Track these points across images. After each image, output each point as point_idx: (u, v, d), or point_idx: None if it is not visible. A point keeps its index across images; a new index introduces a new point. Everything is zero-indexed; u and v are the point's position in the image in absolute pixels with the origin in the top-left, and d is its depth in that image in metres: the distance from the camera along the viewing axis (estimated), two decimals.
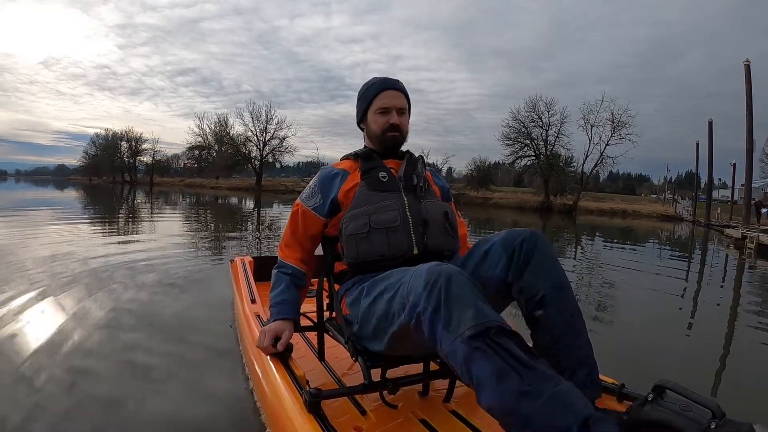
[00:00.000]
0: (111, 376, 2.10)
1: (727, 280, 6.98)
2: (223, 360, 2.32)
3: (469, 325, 0.98)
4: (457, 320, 1.01)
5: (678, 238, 15.59)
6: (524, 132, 34.84)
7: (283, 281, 1.56)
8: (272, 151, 46.22)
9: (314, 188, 1.54)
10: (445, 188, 1.68)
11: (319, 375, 1.65)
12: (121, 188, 40.39)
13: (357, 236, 1.41)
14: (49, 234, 7.05)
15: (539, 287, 1.22)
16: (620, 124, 31.32)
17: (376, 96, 1.55)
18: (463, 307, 1.02)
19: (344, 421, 1.33)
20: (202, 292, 3.78)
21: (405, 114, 1.58)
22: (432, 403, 1.49)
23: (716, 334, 3.57)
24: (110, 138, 59.93)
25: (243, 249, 6.74)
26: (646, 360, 2.81)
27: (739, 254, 10.31)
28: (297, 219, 1.56)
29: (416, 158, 1.61)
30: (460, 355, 0.99)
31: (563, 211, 31.07)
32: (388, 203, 1.44)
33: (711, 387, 2.43)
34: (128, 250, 5.82)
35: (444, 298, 1.03)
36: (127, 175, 59.31)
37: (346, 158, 1.61)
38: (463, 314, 1.01)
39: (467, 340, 0.98)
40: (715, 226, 20.60)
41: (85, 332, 2.64)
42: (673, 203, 40.27)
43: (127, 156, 58.91)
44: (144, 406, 1.84)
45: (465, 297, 1.03)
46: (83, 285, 3.75)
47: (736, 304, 4.95)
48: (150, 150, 58.02)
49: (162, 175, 60.19)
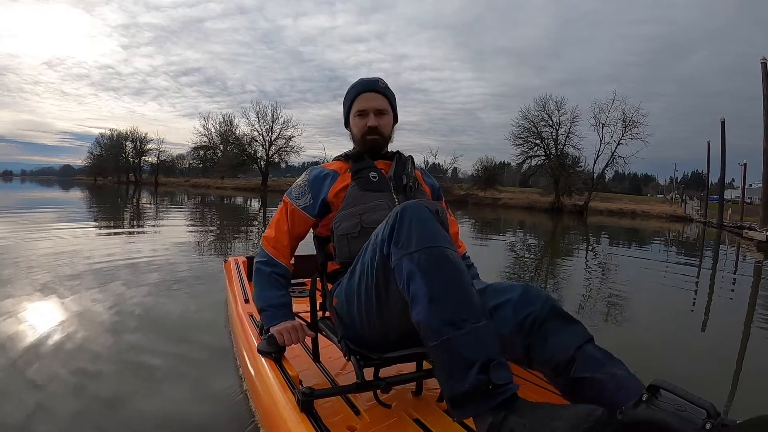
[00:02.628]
0: (107, 376, 2.12)
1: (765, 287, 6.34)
2: (219, 360, 2.33)
3: (419, 246, 1.10)
4: (407, 239, 1.12)
5: (694, 241, 15.14)
6: (534, 131, 34.66)
7: (279, 284, 1.56)
8: (278, 151, 46.42)
9: (304, 188, 1.56)
10: (435, 187, 1.72)
11: (313, 375, 1.66)
12: (126, 188, 40.69)
13: (349, 236, 1.45)
14: (54, 234, 7.14)
15: (561, 355, 1.18)
16: (632, 123, 31.17)
17: (355, 99, 1.60)
18: (416, 229, 1.12)
19: (338, 420, 1.33)
20: (203, 292, 3.81)
21: (385, 115, 1.60)
22: (425, 403, 1.50)
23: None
24: (115, 138, 60.58)
25: (248, 249, 6.78)
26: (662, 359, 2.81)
27: (764, 257, 9.99)
28: (285, 216, 1.57)
29: (405, 158, 1.63)
30: (405, 271, 1.10)
31: (574, 211, 30.90)
32: (379, 203, 1.47)
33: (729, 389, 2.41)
34: (131, 250, 5.88)
35: (399, 220, 1.15)
36: (132, 175, 59.64)
37: (336, 159, 1.64)
38: (414, 235, 1.12)
39: (411, 259, 1.09)
40: (729, 227, 20.33)
41: (84, 332, 2.67)
42: (681, 203, 39.88)
43: (132, 156, 59.40)
44: (139, 405, 1.86)
45: (420, 221, 1.14)
46: (86, 285, 3.80)
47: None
48: (155, 150, 58.46)
49: (167, 176, 60.51)
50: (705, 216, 26.52)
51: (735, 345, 3.32)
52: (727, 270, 8.21)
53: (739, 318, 4.20)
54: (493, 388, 0.98)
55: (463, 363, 1.01)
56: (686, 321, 4.13)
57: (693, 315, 4.45)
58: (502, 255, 7.95)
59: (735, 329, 3.77)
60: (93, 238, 7.13)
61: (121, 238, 7.47)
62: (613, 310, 4.16)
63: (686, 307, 4.70)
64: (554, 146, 34.50)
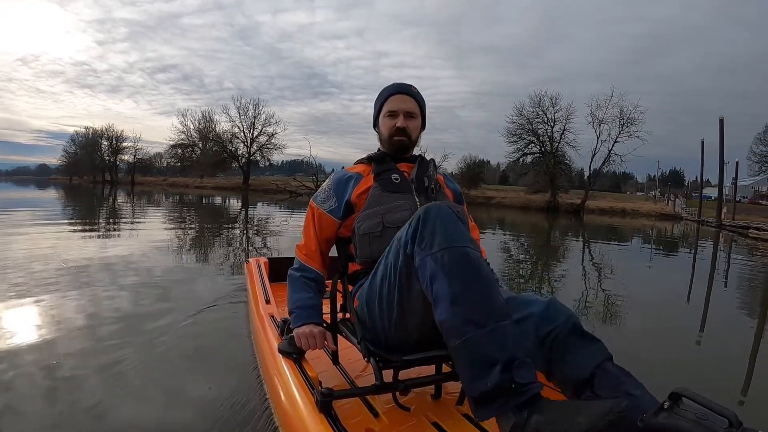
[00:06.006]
0: (124, 375, 2.19)
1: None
2: (238, 359, 2.41)
3: (442, 246, 1.12)
4: (430, 239, 1.15)
5: (699, 242, 14.66)
6: (529, 128, 34.59)
7: (308, 287, 1.60)
8: (260, 149, 45.97)
9: (329, 191, 1.62)
10: (457, 192, 1.77)
11: (332, 376, 1.68)
12: (102, 188, 40.10)
13: (370, 235, 1.48)
14: (28, 235, 7.05)
15: (581, 372, 1.20)
16: (629, 120, 31.19)
17: (386, 100, 1.65)
18: (439, 229, 1.15)
19: (356, 422, 1.35)
20: (203, 293, 3.84)
21: (414, 118, 1.65)
22: (444, 406, 1.51)
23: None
24: (90, 136, 59.48)
25: (230, 253, 6.74)
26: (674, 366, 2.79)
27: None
28: (313, 221, 1.63)
29: (428, 161, 1.68)
30: (428, 271, 1.13)
31: (570, 210, 31.07)
32: (400, 203, 1.51)
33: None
34: (107, 253, 5.83)
35: (422, 221, 1.18)
36: (108, 174, 58.78)
37: (359, 162, 1.69)
38: (437, 236, 1.14)
39: (435, 259, 1.12)
40: (730, 227, 20.56)
41: (82, 332, 2.71)
42: (668, 202, 40.37)
43: (107, 155, 58.44)
44: (158, 401, 1.95)
45: (443, 222, 1.16)
46: (62, 288, 3.77)
47: None
48: (131, 148, 57.71)
49: (144, 175, 59.80)
50: (699, 215, 26.89)
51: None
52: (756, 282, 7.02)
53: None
54: (516, 387, 1.00)
55: (486, 362, 1.03)
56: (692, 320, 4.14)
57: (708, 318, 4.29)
58: (517, 260, 7.82)
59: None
60: (65, 239, 6.99)
61: (95, 241, 7.32)
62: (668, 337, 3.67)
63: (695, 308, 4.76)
64: (549, 143, 34.47)
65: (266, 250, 6.94)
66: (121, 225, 10.25)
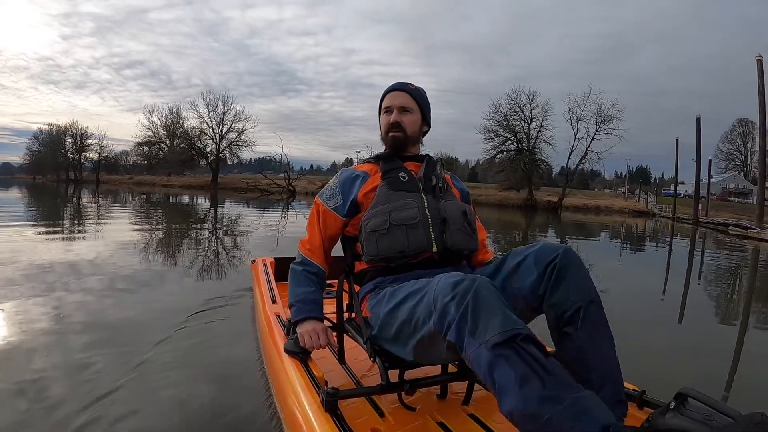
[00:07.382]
0: (132, 375, 2.21)
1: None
2: (244, 359, 2.44)
3: (496, 332, 1.03)
4: (484, 327, 1.05)
5: (683, 240, 14.88)
6: (506, 125, 34.72)
7: (310, 281, 1.62)
8: (229, 146, 45.12)
9: (335, 189, 1.64)
10: (464, 191, 1.78)
11: (338, 376, 1.70)
12: (66, 187, 39.04)
13: (377, 232, 1.48)
14: None
15: (571, 303, 1.24)
16: (607, 118, 31.63)
17: (383, 99, 1.70)
18: (490, 314, 1.06)
19: (362, 422, 1.36)
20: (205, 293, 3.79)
21: (410, 113, 1.65)
22: (450, 406, 1.52)
23: None
24: (54, 133, 57.98)
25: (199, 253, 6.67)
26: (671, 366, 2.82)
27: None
28: (318, 217, 1.64)
29: (435, 161, 1.70)
30: (485, 361, 1.03)
31: (548, 208, 31.46)
32: (408, 201, 1.51)
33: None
34: (71, 255, 5.65)
35: (471, 306, 1.08)
36: (72, 173, 57.12)
37: (367, 161, 1.71)
38: (489, 321, 1.05)
39: (492, 347, 1.02)
40: (708, 224, 21.13)
41: (84, 333, 2.74)
42: (639, 199, 41.40)
43: (71, 152, 56.90)
44: (165, 401, 1.97)
45: (492, 305, 1.07)
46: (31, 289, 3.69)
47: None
48: (96, 145, 56.22)
49: (110, 173, 58.48)
50: (674, 212, 27.56)
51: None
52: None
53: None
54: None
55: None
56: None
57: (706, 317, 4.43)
58: None
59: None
60: (26, 241, 6.76)
61: (58, 243, 7.09)
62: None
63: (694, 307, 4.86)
64: (526, 141, 34.69)
65: (264, 251, 6.68)
66: (87, 225, 10.04)
